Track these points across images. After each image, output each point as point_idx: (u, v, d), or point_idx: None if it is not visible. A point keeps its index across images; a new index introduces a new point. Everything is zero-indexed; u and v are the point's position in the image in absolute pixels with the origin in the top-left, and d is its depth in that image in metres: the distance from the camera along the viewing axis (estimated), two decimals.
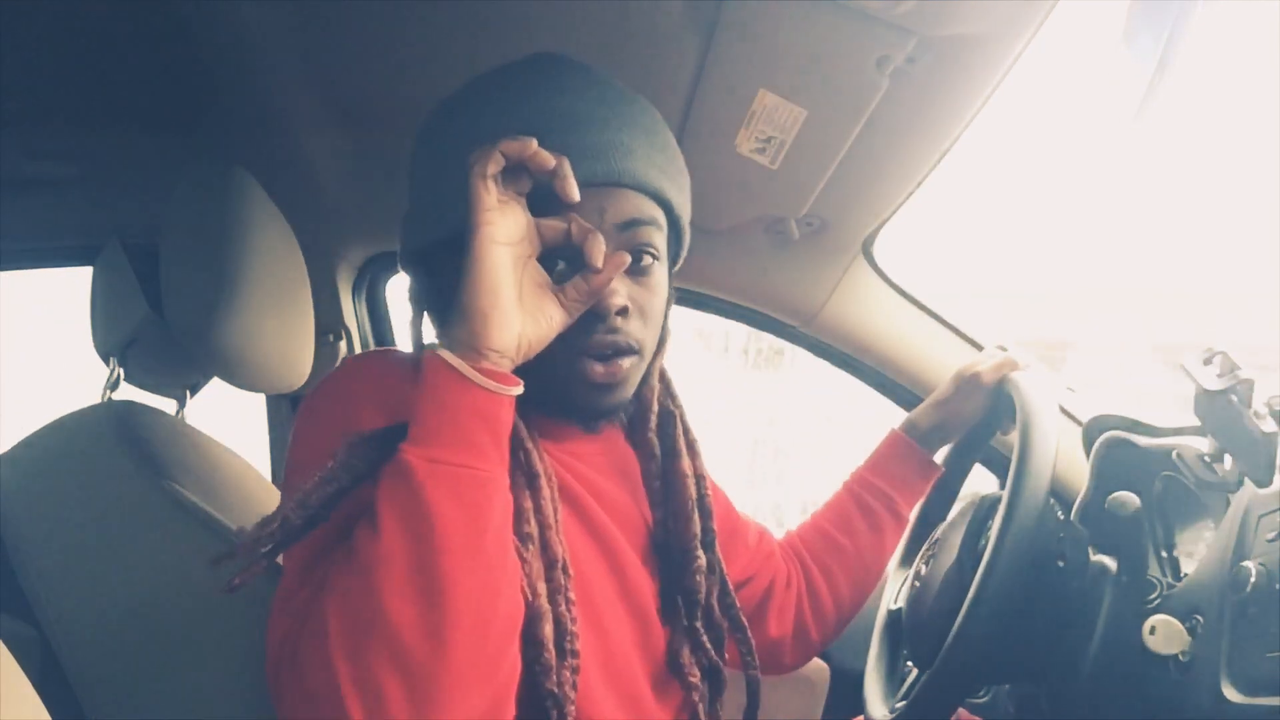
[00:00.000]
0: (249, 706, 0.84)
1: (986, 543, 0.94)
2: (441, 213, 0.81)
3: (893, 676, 1.15)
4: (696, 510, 0.94)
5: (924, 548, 1.13)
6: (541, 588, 0.78)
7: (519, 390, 0.73)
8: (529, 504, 0.79)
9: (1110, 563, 0.98)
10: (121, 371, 1.09)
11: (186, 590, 0.86)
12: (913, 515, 1.24)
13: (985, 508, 1.03)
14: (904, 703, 1.02)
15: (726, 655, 0.98)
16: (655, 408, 0.95)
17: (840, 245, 1.45)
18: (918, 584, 1.08)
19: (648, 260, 0.84)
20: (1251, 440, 0.89)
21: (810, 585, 1.17)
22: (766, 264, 1.49)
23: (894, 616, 1.16)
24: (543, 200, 0.76)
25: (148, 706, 0.84)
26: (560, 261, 0.78)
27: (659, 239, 0.85)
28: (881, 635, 1.18)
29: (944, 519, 1.14)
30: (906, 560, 1.21)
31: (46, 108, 1.29)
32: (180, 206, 1.03)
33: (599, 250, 0.75)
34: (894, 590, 1.19)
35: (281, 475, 1.67)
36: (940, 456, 1.23)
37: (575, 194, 0.75)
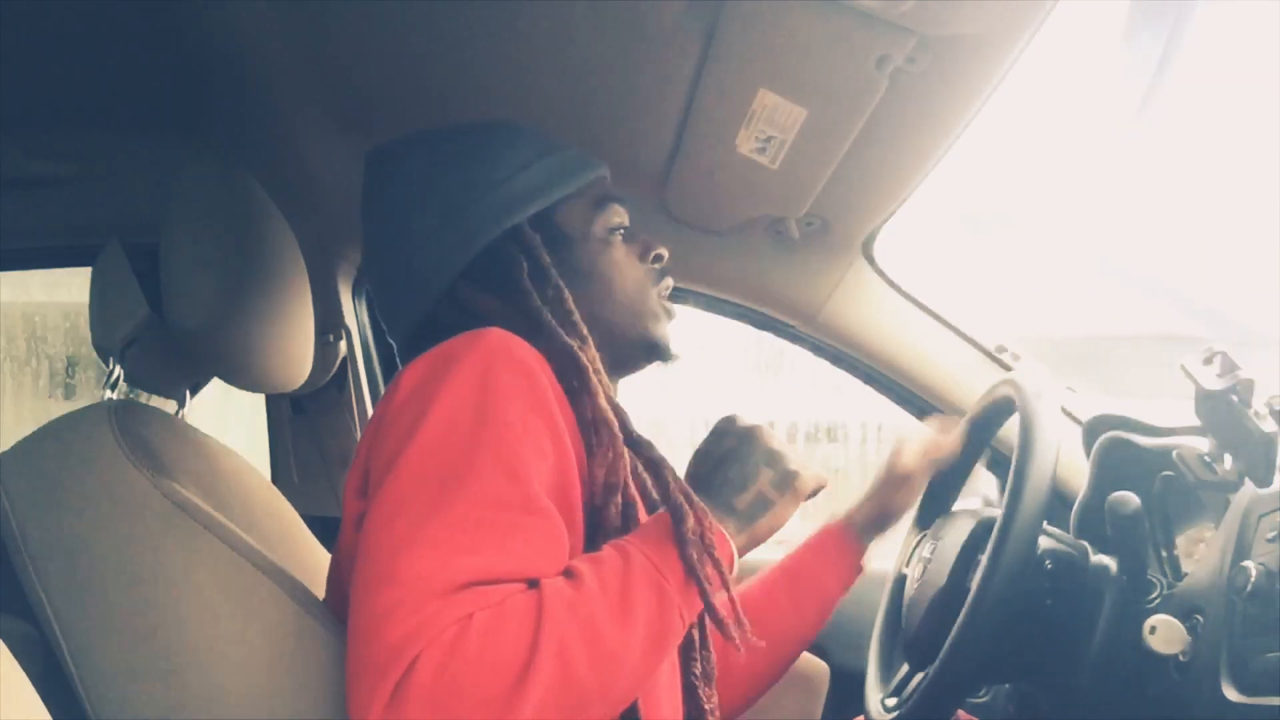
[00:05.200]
0: (250, 706, 0.84)
1: (985, 550, 0.94)
2: (467, 244, 0.92)
3: (893, 673, 1.15)
4: None
5: (925, 544, 1.13)
6: None
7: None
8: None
9: (1110, 563, 0.98)
10: (121, 371, 1.09)
11: (187, 590, 0.86)
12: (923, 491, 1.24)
13: (981, 532, 1.03)
14: (904, 702, 1.02)
15: None
16: None
17: (840, 245, 1.45)
18: (917, 584, 1.08)
19: None
20: (1251, 440, 0.89)
21: (722, 655, 1.08)
22: (766, 264, 1.49)
23: (900, 583, 1.15)
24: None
25: (149, 707, 0.84)
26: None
27: None
28: (889, 601, 1.17)
29: (953, 498, 1.15)
30: (920, 523, 1.21)
31: (46, 108, 1.29)
32: (180, 206, 1.03)
33: None
34: (906, 553, 1.19)
35: (282, 475, 1.68)
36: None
37: None
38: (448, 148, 0.96)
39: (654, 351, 0.98)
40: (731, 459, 0.86)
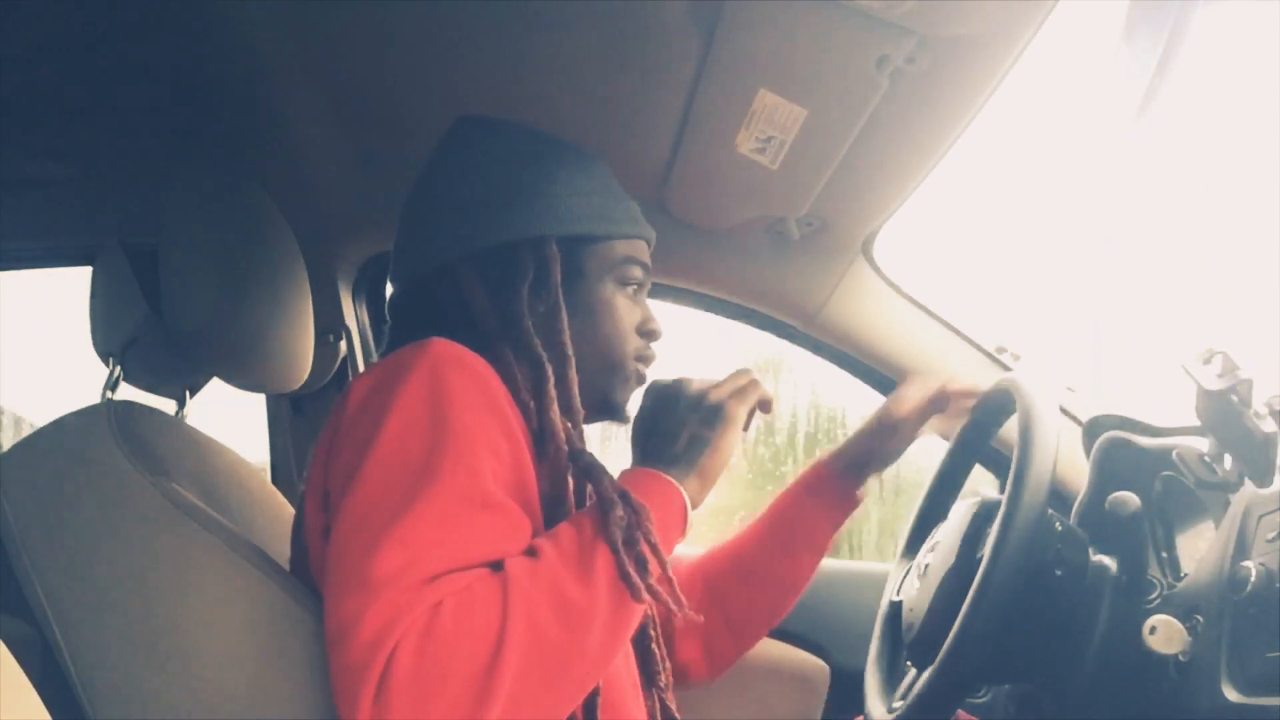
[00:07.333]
0: (249, 705, 0.85)
1: (985, 546, 0.94)
2: (490, 231, 0.94)
3: (893, 674, 1.14)
4: None
5: (924, 547, 1.13)
6: None
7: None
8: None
9: (1110, 563, 0.98)
10: (121, 371, 1.09)
11: (186, 590, 0.86)
12: (914, 510, 1.24)
13: (985, 512, 1.03)
14: (904, 703, 1.02)
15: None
16: None
17: (840, 245, 1.45)
18: (917, 585, 1.08)
19: None
20: (1251, 440, 0.89)
21: (720, 605, 1.17)
22: (766, 264, 1.49)
23: (894, 609, 1.16)
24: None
25: (149, 707, 0.84)
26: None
27: None
28: (882, 628, 1.17)
29: (944, 517, 1.14)
30: (908, 552, 1.21)
31: (46, 107, 1.28)
32: (180, 206, 1.03)
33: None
34: (894, 583, 1.19)
35: (282, 475, 1.68)
36: (939, 457, 1.23)
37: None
38: (527, 145, 0.99)
39: (608, 408, 1.01)
40: (660, 418, 0.90)
